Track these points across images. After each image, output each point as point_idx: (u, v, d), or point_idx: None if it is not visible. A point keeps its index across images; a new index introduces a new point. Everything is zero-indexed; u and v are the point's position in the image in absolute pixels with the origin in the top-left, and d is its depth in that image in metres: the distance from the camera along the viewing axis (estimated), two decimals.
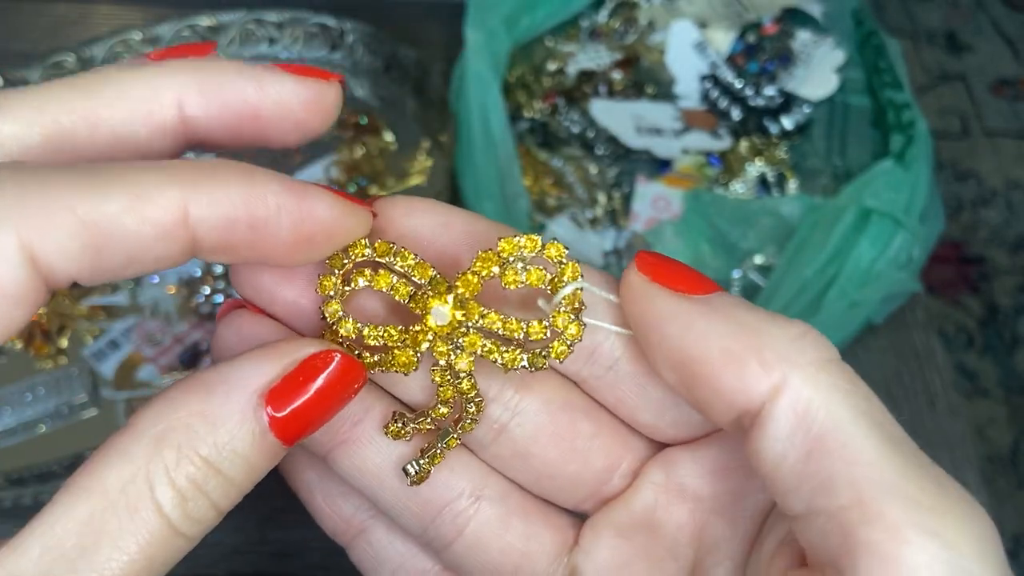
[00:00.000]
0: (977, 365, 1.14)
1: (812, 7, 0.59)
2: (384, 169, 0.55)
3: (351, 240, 0.17)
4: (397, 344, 0.18)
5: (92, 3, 0.67)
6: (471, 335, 0.18)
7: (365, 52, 0.61)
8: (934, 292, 1.18)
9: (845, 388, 0.16)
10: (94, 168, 0.15)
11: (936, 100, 1.36)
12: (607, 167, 0.54)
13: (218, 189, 0.16)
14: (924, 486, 0.15)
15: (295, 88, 0.18)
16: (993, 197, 1.27)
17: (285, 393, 0.16)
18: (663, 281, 0.17)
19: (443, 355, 0.18)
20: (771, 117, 0.55)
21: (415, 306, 0.18)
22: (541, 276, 0.18)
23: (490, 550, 0.20)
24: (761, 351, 0.16)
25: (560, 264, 0.18)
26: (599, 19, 0.62)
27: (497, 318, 0.18)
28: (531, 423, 0.19)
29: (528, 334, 0.18)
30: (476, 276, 0.18)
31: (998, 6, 1.49)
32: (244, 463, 0.15)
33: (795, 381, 0.16)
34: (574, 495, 0.20)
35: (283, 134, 0.18)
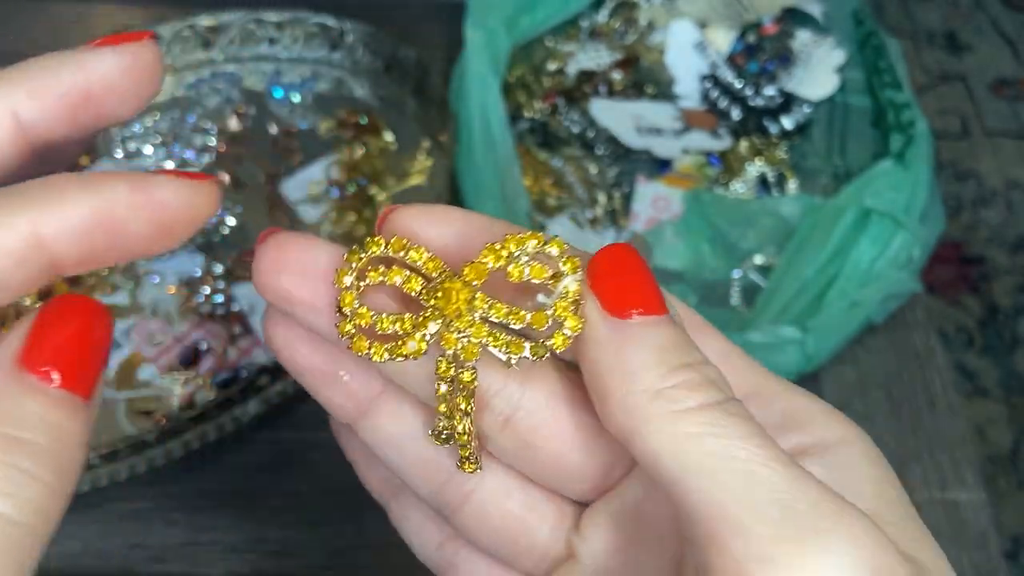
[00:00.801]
0: (977, 365, 1.14)
1: (812, 7, 0.60)
2: (384, 169, 0.56)
3: (207, 217, 0.18)
4: (409, 331, 0.19)
5: (91, 3, 0.67)
6: (477, 325, 0.18)
7: (365, 52, 0.61)
8: (934, 292, 1.18)
9: (698, 434, 0.16)
10: None
11: (936, 100, 1.36)
12: (607, 167, 0.54)
13: (66, 205, 0.16)
14: (772, 517, 0.15)
15: (115, 59, 0.18)
16: (993, 197, 1.27)
17: (35, 348, 0.16)
18: (611, 289, 0.18)
19: (451, 344, 0.19)
20: (771, 117, 0.55)
21: (427, 298, 0.19)
22: (543, 270, 0.19)
23: (493, 517, 0.20)
24: (625, 398, 0.17)
25: (562, 259, 0.18)
26: (599, 19, 0.62)
27: (503, 307, 0.19)
28: (535, 416, 0.19)
29: (532, 323, 0.19)
30: (483, 266, 0.19)
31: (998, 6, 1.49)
32: (41, 424, 0.15)
33: (644, 431, 0.17)
34: (579, 485, 0.20)
35: (117, 107, 0.18)
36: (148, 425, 0.44)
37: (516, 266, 0.19)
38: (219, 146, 0.57)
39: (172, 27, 0.61)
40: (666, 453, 0.16)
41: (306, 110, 0.59)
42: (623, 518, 0.20)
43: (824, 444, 0.19)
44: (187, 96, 0.60)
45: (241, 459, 0.43)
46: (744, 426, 0.17)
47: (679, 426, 0.16)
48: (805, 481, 0.16)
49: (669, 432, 0.16)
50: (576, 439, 0.19)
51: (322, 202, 0.54)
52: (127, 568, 0.40)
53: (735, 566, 0.15)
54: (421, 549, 0.23)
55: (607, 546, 0.20)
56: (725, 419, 0.17)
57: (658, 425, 0.17)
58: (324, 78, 0.61)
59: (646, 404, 0.17)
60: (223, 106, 0.60)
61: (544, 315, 0.18)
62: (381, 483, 0.23)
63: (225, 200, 0.54)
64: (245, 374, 0.45)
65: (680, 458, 0.16)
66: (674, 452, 0.16)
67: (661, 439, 0.16)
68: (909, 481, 0.42)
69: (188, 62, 0.62)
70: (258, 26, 0.62)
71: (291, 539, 0.41)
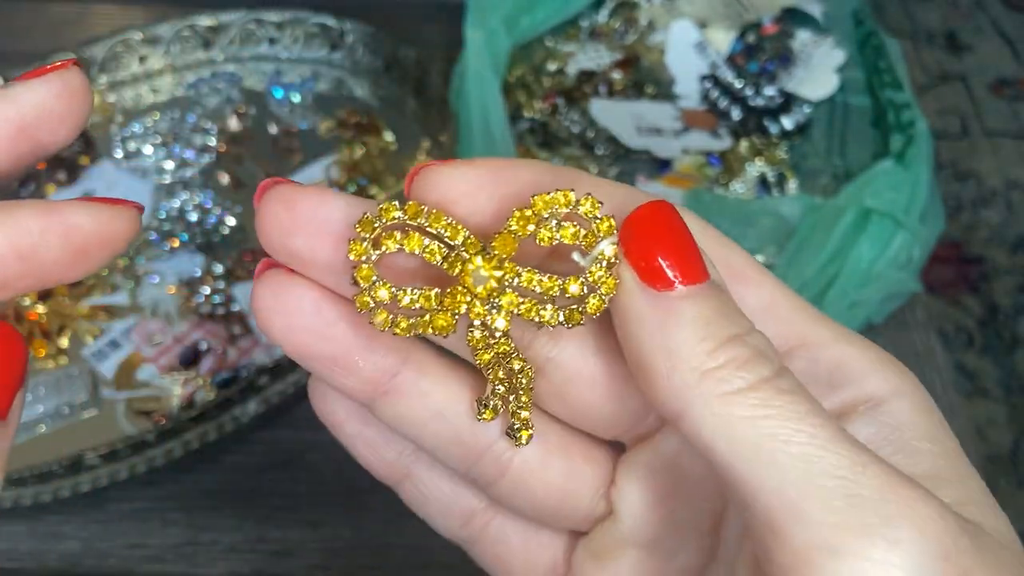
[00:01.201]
0: (977, 365, 1.14)
1: (812, 7, 0.60)
2: (384, 169, 0.56)
3: (126, 241, 0.18)
4: (434, 307, 0.18)
5: (92, 3, 0.67)
6: (508, 294, 0.18)
7: (365, 52, 0.61)
8: (934, 292, 1.18)
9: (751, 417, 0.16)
10: None
11: (936, 100, 1.36)
12: (607, 167, 0.54)
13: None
14: (836, 505, 0.15)
15: (44, 88, 0.18)
16: (993, 197, 1.27)
17: None
18: (649, 257, 0.17)
19: (480, 316, 0.18)
20: (771, 117, 0.55)
21: (449, 267, 0.18)
22: (576, 232, 0.17)
23: (534, 488, 0.20)
24: (670, 378, 0.16)
25: (595, 220, 0.17)
26: (599, 19, 0.62)
27: (534, 276, 0.18)
28: (566, 367, 0.19)
29: (565, 290, 0.17)
30: (512, 235, 0.17)
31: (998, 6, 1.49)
32: None
33: (693, 415, 0.16)
34: (612, 430, 0.20)
35: (52, 135, 0.18)
36: (148, 425, 0.44)
37: (547, 229, 0.17)
38: (219, 146, 0.57)
39: (172, 27, 0.61)
40: (718, 438, 0.16)
41: (306, 110, 0.59)
42: (659, 470, 0.19)
43: (876, 398, 0.18)
44: (187, 96, 0.60)
45: (241, 459, 0.43)
46: (799, 404, 0.16)
47: (730, 409, 0.16)
48: (868, 464, 0.15)
49: (720, 415, 0.16)
50: (609, 388, 0.19)
51: None
52: (127, 568, 0.40)
53: (798, 555, 0.15)
54: (445, 526, 0.22)
55: (644, 499, 0.19)
56: (778, 398, 0.16)
57: (708, 408, 0.16)
58: (324, 78, 0.61)
59: (693, 385, 0.16)
60: (223, 106, 0.60)
61: (579, 282, 0.17)
62: (389, 467, 0.22)
63: (225, 200, 0.54)
64: (245, 374, 0.45)
65: (733, 443, 0.16)
66: (727, 437, 0.16)
67: (712, 423, 0.16)
68: None
69: (188, 62, 0.62)
70: (258, 26, 0.62)
71: (290, 539, 0.41)
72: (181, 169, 0.56)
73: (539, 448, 0.20)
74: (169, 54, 0.61)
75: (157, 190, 0.55)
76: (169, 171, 0.55)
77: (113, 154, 0.57)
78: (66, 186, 0.55)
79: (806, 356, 0.18)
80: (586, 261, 0.17)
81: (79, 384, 0.46)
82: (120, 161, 0.56)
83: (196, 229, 0.52)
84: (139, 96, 0.61)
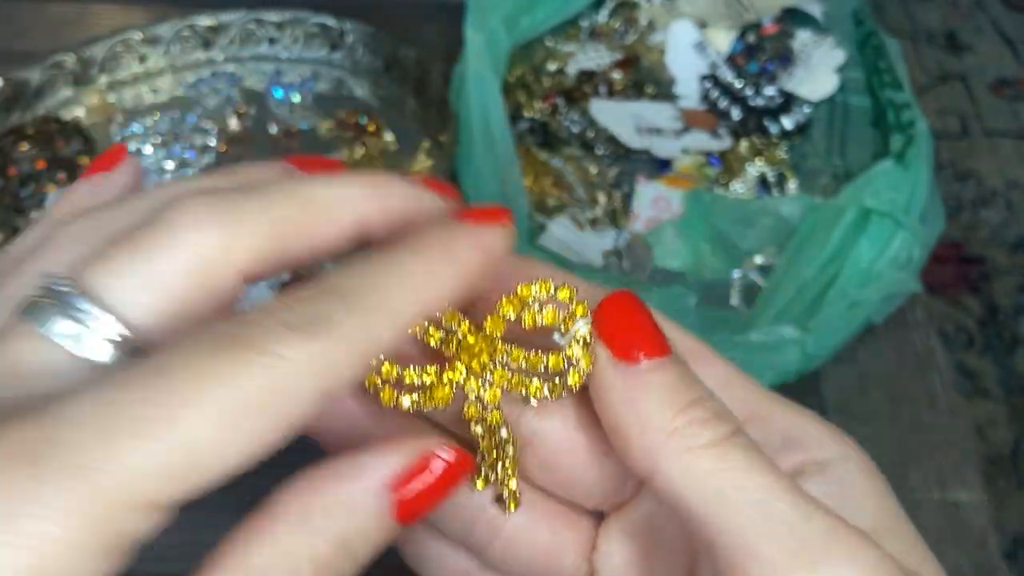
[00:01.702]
0: (977, 365, 1.14)
1: (812, 7, 0.60)
2: (384, 169, 0.56)
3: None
4: (434, 381, 0.20)
5: (92, 3, 0.67)
6: (499, 370, 0.20)
7: (365, 52, 0.61)
8: (934, 292, 1.18)
9: (713, 469, 0.18)
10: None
11: (936, 100, 1.36)
12: (607, 167, 0.54)
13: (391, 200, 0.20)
14: (788, 546, 0.17)
15: (437, 201, 0.21)
16: (993, 197, 1.27)
17: (408, 483, 0.18)
18: (618, 336, 0.19)
19: (474, 390, 0.20)
20: (771, 117, 0.55)
21: (447, 348, 0.21)
22: (555, 315, 0.20)
23: (522, 552, 0.22)
24: (641, 439, 0.18)
25: (571, 304, 0.20)
26: (599, 19, 0.62)
27: (521, 354, 0.20)
28: (551, 440, 0.21)
29: (548, 365, 0.20)
30: (502, 318, 0.21)
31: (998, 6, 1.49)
32: (369, 543, 0.17)
33: (664, 470, 0.18)
34: (593, 500, 0.22)
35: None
36: None
37: (530, 313, 0.20)
38: (219, 146, 0.57)
39: (172, 27, 0.61)
40: (686, 488, 0.18)
41: (306, 110, 0.59)
42: (637, 531, 0.21)
43: (823, 462, 0.20)
44: (187, 96, 0.60)
45: None
46: (755, 459, 0.18)
47: (696, 462, 0.18)
48: (815, 509, 0.17)
49: (686, 469, 0.18)
50: (590, 459, 0.21)
51: None
52: (128, 567, 0.40)
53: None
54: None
55: (624, 560, 0.21)
56: (736, 452, 0.18)
57: (675, 463, 0.18)
58: (324, 78, 0.61)
59: (662, 444, 0.18)
60: (223, 106, 0.60)
61: (559, 358, 0.20)
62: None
63: None
64: None
65: (698, 493, 0.18)
66: (692, 488, 0.18)
67: (680, 475, 0.18)
68: (909, 481, 0.42)
69: (188, 62, 0.62)
70: (258, 26, 0.62)
71: None
72: (181, 169, 0.56)
73: (527, 515, 0.21)
74: (169, 54, 0.61)
75: None
76: (169, 171, 0.55)
77: None
78: (66, 186, 0.55)
79: (760, 426, 0.21)
80: (564, 340, 0.20)
81: None
82: None
83: None
84: (139, 96, 0.61)
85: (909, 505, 0.20)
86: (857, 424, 0.44)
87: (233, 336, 0.15)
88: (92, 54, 0.60)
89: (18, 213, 0.54)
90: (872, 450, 0.21)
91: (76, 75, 0.60)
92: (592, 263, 0.49)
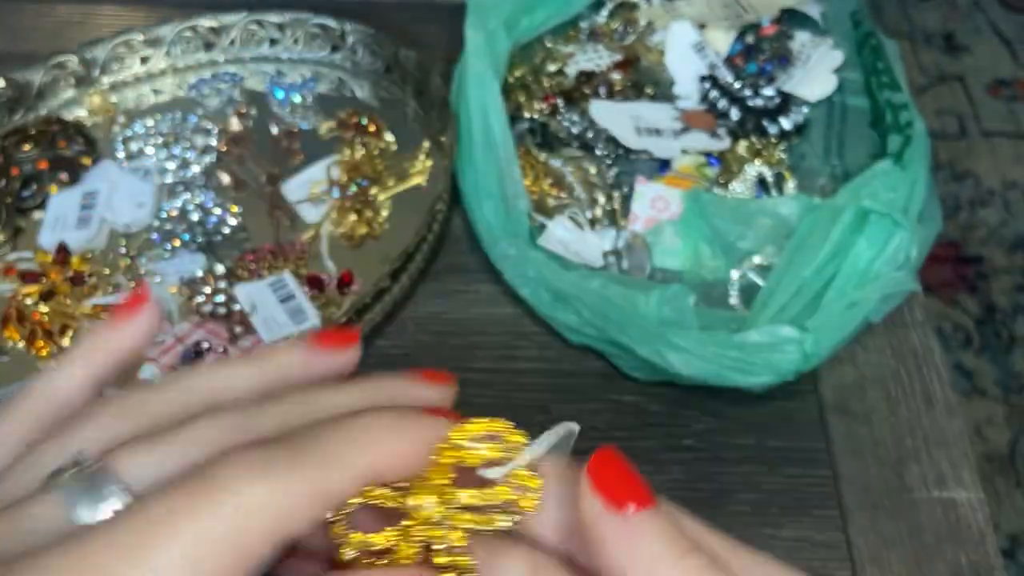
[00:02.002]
0: (975, 364, 1.14)
1: (811, 8, 0.60)
2: (384, 170, 0.56)
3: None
4: (400, 541, 0.22)
5: (94, 4, 0.68)
6: (456, 514, 0.22)
7: (366, 53, 0.61)
8: (932, 292, 1.18)
9: None
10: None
11: (934, 101, 1.37)
12: (607, 167, 0.54)
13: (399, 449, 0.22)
14: None
15: (440, 428, 0.22)
16: (990, 197, 1.27)
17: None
18: (606, 484, 0.21)
19: (440, 539, 0.22)
20: (769, 118, 0.55)
21: (402, 507, 0.22)
22: (495, 446, 0.22)
23: None
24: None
25: (508, 435, 0.22)
26: (599, 20, 0.62)
27: (473, 493, 0.22)
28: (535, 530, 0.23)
29: (500, 497, 0.22)
30: (445, 467, 0.22)
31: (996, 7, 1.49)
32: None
33: None
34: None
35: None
36: None
37: (471, 454, 0.22)
38: (220, 146, 0.57)
39: (174, 28, 0.61)
40: None
41: (307, 111, 0.60)
42: None
43: None
44: (189, 97, 0.61)
45: None
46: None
47: None
48: None
49: None
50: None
51: (323, 202, 0.54)
52: None
53: None
54: None
55: None
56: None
57: None
58: (325, 79, 0.61)
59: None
60: (224, 107, 0.60)
61: (506, 489, 0.22)
62: None
63: (226, 200, 0.54)
64: None
65: None
66: None
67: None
68: (907, 480, 0.43)
69: (190, 63, 0.62)
70: (259, 27, 0.62)
71: None
72: (183, 169, 0.56)
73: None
74: (171, 55, 0.62)
75: (159, 190, 0.55)
76: (171, 171, 0.56)
77: (115, 155, 0.57)
78: (68, 186, 0.55)
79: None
80: (507, 468, 0.22)
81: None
82: (122, 161, 0.56)
83: (197, 229, 0.53)
84: (141, 97, 0.61)
85: (907, 504, 0.20)
86: (855, 423, 0.45)
87: (198, 475, 0.19)
88: (94, 55, 0.60)
89: (20, 213, 0.55)
90: (870, 449, 0.21)
91: (78, 76, 0.60)
92: (591, 263, 0.49)
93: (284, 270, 0.50)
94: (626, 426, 0.45)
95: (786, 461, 0.43)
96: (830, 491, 0.42)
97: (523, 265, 0.47)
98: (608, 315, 0.44)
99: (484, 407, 0.48)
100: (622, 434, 0.44)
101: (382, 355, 0.47)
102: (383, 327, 0.48)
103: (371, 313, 0.47)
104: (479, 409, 0.22)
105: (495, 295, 0.50)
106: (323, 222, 0.53)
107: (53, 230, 0.53)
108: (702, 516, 0.45)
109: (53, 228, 0.53)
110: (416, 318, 0.49)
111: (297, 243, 0.52)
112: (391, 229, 0.53)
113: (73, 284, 0.50)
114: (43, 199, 0.55)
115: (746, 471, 0.43)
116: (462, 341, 0.48)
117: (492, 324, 0.49)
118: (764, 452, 0.44)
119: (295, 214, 0.54)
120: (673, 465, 0.43)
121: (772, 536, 0.41)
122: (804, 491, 0.42)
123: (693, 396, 0.45)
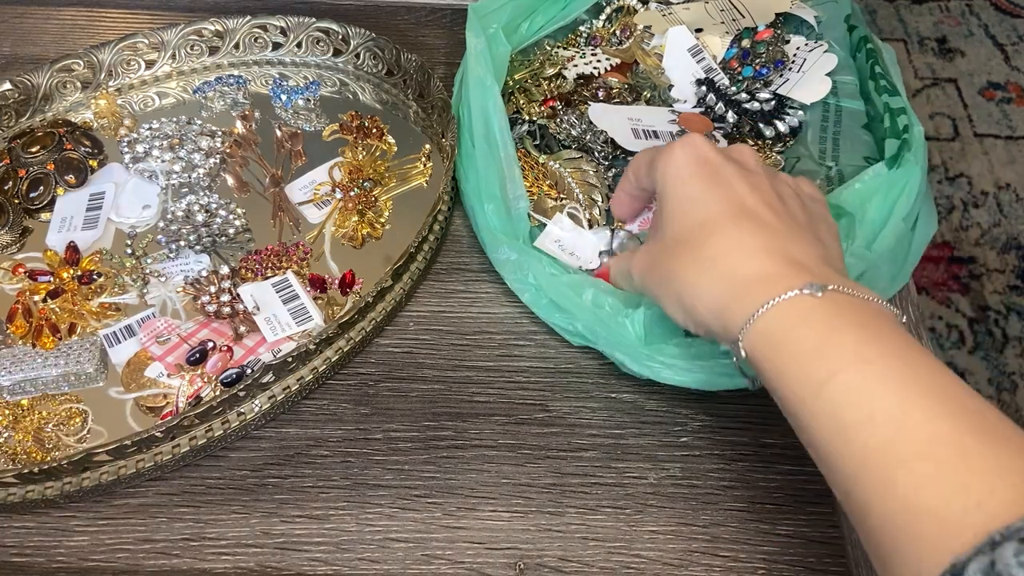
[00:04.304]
0: (967, 363, 1.15)
1: (806, 13, 0.60)
2: (386, 171, 0.56)
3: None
4: None
5: (100, 8, 0.68)
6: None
7: (368, 57, 0.62)
8: (925, 292, 1.19)
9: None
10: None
11: (928, 103, 1.37)
12: (605, 169, 0.55)
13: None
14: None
15: None
16: (983, 198, 1.28)
17: None
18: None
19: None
20: (765, 121, 0.56)
21: None
22: None
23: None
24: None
25: None
26: (597, 25, 0.63)
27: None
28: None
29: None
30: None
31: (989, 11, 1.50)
32: None
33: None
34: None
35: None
36: (155, 422, 0.45)
37: None
38: (225, 149, 0.58)
39: (179, 32, 0.62)
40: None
41: (310, 113, 0.60)
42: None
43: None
44: (193, 100, 0.61)
45: (246, 455, 0.44)
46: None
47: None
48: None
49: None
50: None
51: (326, 204, 0.55)
52: (134, 562, 0.41)
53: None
54: None
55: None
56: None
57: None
58: (328, 82, 0.62)
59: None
60: (229, 110, 0.60)
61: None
62: None
63: (231, 202, 0.55)
64: (251, 372, 0.46)
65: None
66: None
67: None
68: None
69: (194, 66, 0.63)
70: (263, 31, 0.63)
71: (295, 533, 0.42)
72: (188, 171, 0.56)
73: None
74: (176, 59, 0.62)
75: (164, 192, 0.56)
76: (176, 173, 0.56)
77: (121, 157, 0.57)
78: (75, 188, 0.56)
79: None
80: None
81: (89, 354, 0.47)
82: (128, 164, 0.57)
83: (203, 230, 0.53)
84: (147, 100, 0.62)
85: None
86: None
87: None
88: (100, 59, 0.61)
89: (28, 214, 0.55)
90: None
91: (85, 79, 0.61)
92: (588, 263, 0.50)
93: (288, 270, 0.51)
94: (624, 423, 0.45)
95: (782, 458, 0.44)
96: (825, 488, 0.43)
97: (523, 270, 0.47)
98: (598, 332, 0.44)
99: (484, 405, 0.49)
100: (620, 431, 0.45)
101: (384, 354, 0.48)
102: (385, 326, 0.49)
103: (373, 312, 0.47)
104: (479, 407, 0.21)
105: (495, 295, 0.50)
106: (326, 223, 0.54)
107: (60, 231, 0.54)
108: (699, 512, 0.46)
109: (60, 229, 0.54)
110: (417, 317, 0.50)
111: (300, 244, 0.52)
112: (393, 230, 0.53)
113: (81, 283, 0.51)
114: (50, 200, 0.55)
115: (742, 468, 0.44)
116: (463, 340, 0.49)
117: (492, 323, 0.49)
118: (760, 449, 0.44)
119: (299, 215, 0.54)
120: (670, 462, 0.44)
121: (768, 532, 0.42)
122: (800, 488, 0.43)
123: (690, 394, 0.46)
